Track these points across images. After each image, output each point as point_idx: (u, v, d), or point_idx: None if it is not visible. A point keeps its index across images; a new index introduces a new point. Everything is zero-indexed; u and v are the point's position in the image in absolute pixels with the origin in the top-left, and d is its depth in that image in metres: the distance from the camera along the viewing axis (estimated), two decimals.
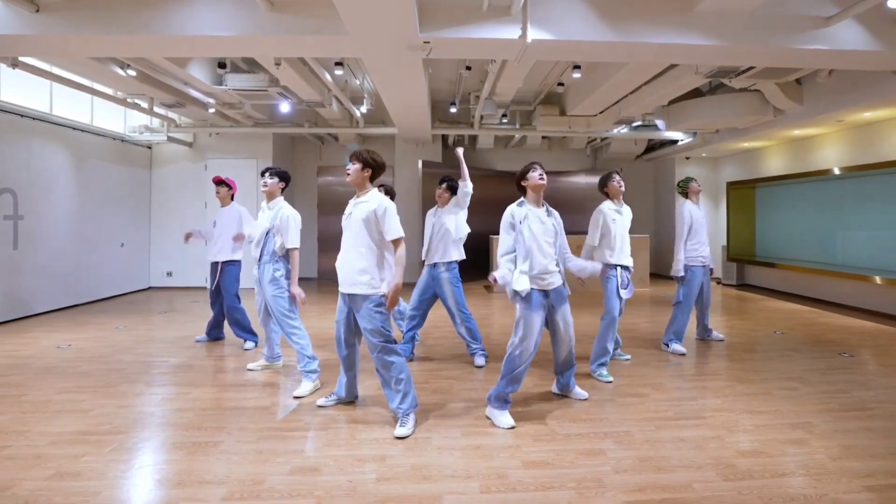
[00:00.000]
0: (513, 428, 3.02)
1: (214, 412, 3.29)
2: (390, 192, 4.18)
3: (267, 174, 3.98)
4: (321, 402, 3.42)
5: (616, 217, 4.10)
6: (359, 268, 3.02)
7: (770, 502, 2.24)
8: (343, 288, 3.11)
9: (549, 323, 3.27)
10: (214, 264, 4.99)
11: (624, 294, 4.00)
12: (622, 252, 4.07)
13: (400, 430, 2.94)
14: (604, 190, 4.24)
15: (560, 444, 2.81)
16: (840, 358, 4.54)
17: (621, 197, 4.21)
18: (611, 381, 3.86)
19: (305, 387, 3.65)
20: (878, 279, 6.49)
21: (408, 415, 3.02)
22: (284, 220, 3.87)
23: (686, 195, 4.95)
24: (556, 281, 3.21)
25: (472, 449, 2.76)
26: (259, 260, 3.91)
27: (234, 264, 5.00)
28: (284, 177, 4.05)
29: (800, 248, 7.99)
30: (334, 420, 3.15)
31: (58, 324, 6.10)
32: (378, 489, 2.35)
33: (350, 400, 3.45)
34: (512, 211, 3.22)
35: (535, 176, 3.22)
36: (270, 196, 3.97)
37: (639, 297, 8.18)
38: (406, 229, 3.24)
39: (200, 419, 3.18)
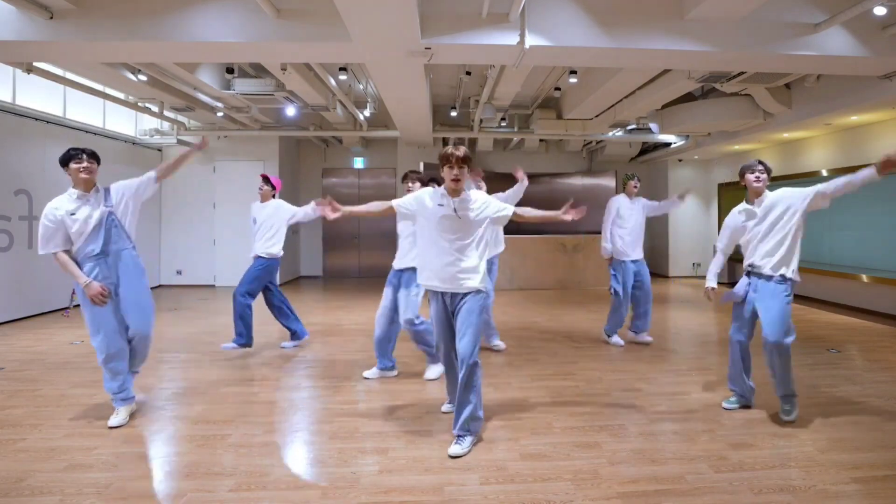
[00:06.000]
0: None
1: (223, 406, 3.35)
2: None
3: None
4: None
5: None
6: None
7: (760, 493, 2.29)
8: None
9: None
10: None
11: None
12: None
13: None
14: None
15: (557, 438, 2.87)
16: (828, 354, 4.63)
17: None
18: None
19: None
20: (864, 277, 6.62)
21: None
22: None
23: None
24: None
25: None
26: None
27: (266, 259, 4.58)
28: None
29: None
30: (338, 414, 3.21)
31: (71, 320, 6.15)
32: (381, 480, 2.40)
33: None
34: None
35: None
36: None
37: None
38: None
39: (209, 413, 3.24)
